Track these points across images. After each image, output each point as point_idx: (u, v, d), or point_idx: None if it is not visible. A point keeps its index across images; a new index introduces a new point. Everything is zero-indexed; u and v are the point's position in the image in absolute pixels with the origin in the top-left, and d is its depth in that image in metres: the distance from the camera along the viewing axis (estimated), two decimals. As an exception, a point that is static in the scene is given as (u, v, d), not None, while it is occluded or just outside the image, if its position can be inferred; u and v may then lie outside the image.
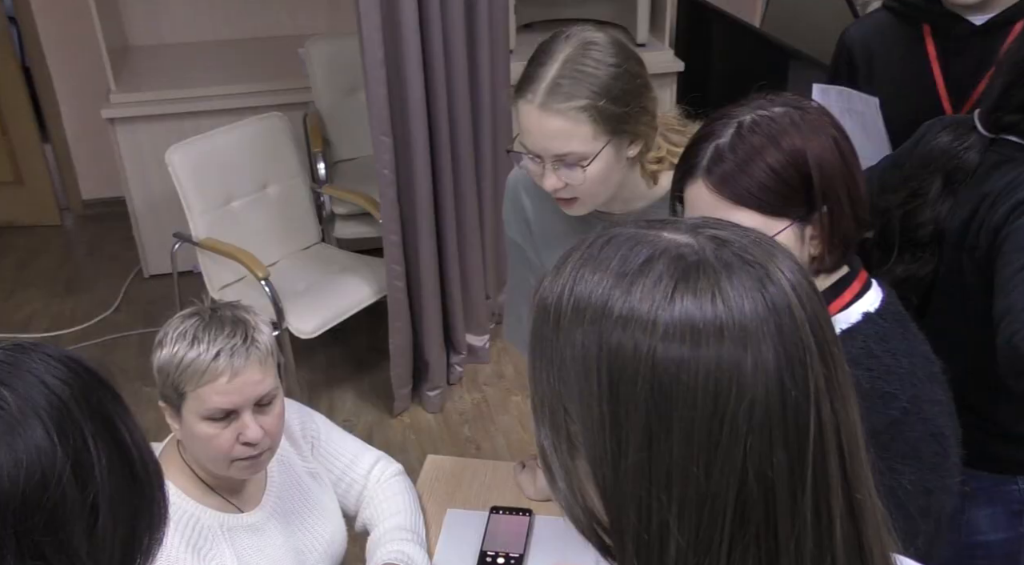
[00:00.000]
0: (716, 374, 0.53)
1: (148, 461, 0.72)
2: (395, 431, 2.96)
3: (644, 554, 0.56)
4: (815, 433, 0.55)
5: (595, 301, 0.57)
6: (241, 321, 1.24)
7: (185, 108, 3.50)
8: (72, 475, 0.64)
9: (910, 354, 1.06)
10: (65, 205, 4.34)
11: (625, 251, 0.58)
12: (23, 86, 4.03)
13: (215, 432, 1.23)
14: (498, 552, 1.51)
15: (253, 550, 1.32)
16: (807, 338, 0.56)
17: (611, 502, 0.57)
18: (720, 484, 0.54)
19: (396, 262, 2.81)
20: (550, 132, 1.22)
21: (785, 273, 0.57)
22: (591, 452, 0.57)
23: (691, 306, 0.54)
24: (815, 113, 1.07)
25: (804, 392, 0.55)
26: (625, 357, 0.55)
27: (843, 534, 0.57)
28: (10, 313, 3.60)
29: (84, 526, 0.65)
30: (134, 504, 0.70)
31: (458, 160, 2.81)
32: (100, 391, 0.70)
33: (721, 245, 0.57)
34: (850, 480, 0.57)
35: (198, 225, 2.82)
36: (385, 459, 1.60)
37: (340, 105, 3.44)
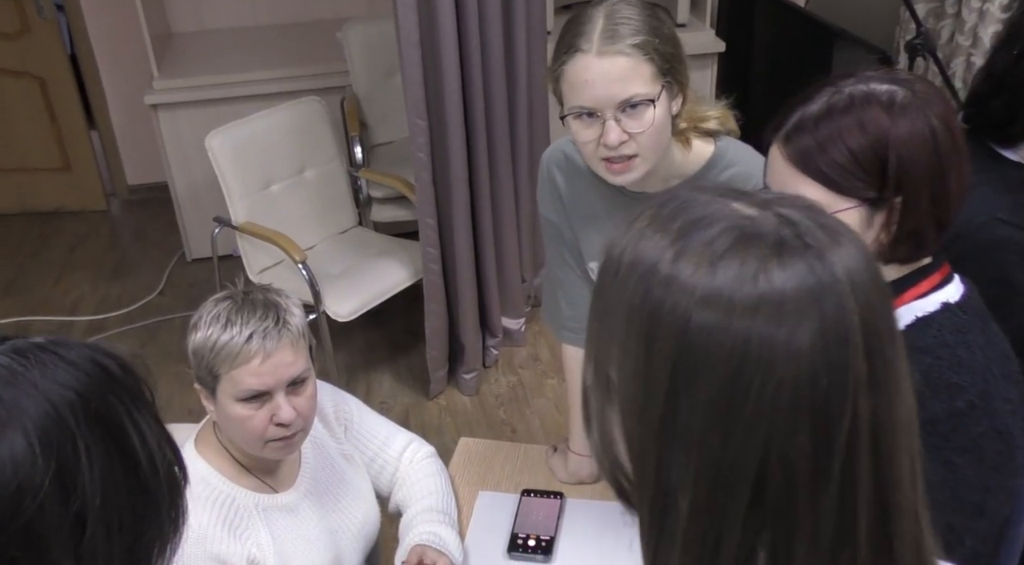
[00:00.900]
0: (743, 348, 0.53)
1: (160, 466, 0.69)
2: (431, 413, 2.97)
3: (657, 507, 0.57)
4: (848, 427, 0.54)
5: (648, 258, 0.58)
6: (273, 304, 1.26)
7: (225, 93, 3.54)
8: (53, 487, 0.61)
9: (987, 349, 1.04)
10: (111, 191, 4.43)
11: (689, 214, 0.59)
12: (71, 74, 4.11)
13: (249, 413, 1.24)
14: (529, 534, 1.51)
15: (288, 530, 1.34)
16: (853, 332, 0.54)
17: (633, 453, 0.59)
18: (738, 456, 0.54)
19: (432, 245, 2.81)
20: (613, 74, 1.21)
21: (845, 261, 0.55)
22: (622, 400, 0.59)
23: (732, 277, 0.54)
24: (923, 96, 1.01)
25: (841, 384, 0.54)
26: (662, 314, 0.56)
27: (868, 533, 0.56)
28: (59, 297, 3.69)
29: (67, 540, 0.62)
30: (139, 513, 0.67)
31: (493, 142, 2.80)
32: (112, 395, 0.67)
33: (784, 224, 0.56)
34: (885, 481, 0.56)
35: (237, 209, 2.86)
36: (417, 441, 1.61)
37: (377, 88, 3.45)
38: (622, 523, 1.66)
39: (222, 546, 1.25)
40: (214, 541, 1.25)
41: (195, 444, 1.33)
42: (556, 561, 1.48)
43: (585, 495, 1.61)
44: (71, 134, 4.20)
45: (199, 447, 1.32)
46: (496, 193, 2.89)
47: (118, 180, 4.42)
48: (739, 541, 0.54)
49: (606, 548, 1.50)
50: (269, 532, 1.31)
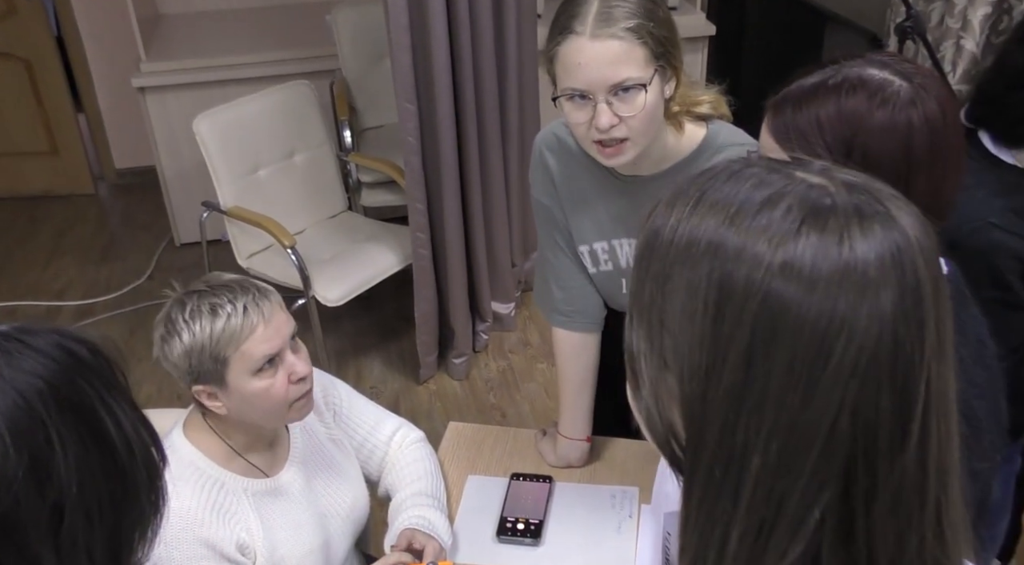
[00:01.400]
0: (828, 317, 0.53)
1: (137, 449, 0.69)
2: (421, 398, 2.98)
3: (721, 469, 0.57)
4: (924, 390, 0.55)
5: (713, 230, 0.57)
6: (240, 279, 1.28)
7: (214, 76, 3.51)
8: (28, 478, 0.61)
9: (958, 332, 1.02)
10: (99, 174, 4.40)
11: (753, 183, 0.58)
12: (57, 56, 4.07)
13: (269, 382, 1.25)
14: (518, 518, 1.52)
15: (277, 514, 1.34)
16: (927, 296, 0.55)
17: (694, 418, 0.58)
18: (814, 417, 0.54)
19: (421, 230, 2.81)
20: (606, 58, 1.21)
21: (912, 226, 0.56)
22: (682, 367, 0.58)
23: (816, 247, 0.54)
24: (919, 91, 0.98)
25: (920, 348, 0.55)
26: (736, 285, 0.55)
27: (935, 491, 0.57)
28: (48, 282, 3.68)
29: (45, 530, 0.62)
30: (117, 498, 0.67)
31: (483, 127, 2.79)
32: (82, 382, 0.66)
33: (853, 191, 0.56)
34: (944, 442, 0.58)
35: (226, 194, 2.84)
36: (407, 426, 1.61)
37: (367, 72, 3.43)
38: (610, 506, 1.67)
39: (210, 531, 1.25)
40: (202, 525, 1.25)
41: (183, 429, 1.33)
42: (545, 544, 1.49)
43: (574, 479, 1.62)
44: (58, 117, 4.17)
45: (188, 432, 1.32)
46: (486, 178, 2.88)
47: (106, 164, 4.38)
48: (799, 502, 0.55)
49: (595, 531, 1.51)
50: (258, 516, 1.32)
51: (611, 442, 1.69)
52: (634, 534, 1.50)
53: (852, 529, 0.56)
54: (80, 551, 0.65)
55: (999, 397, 1.08)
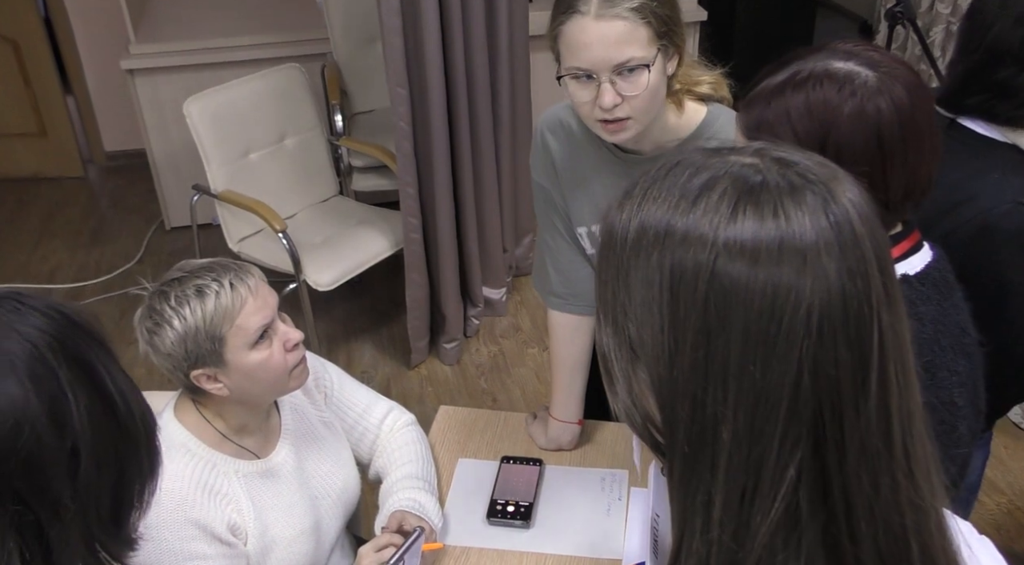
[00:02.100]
0: (773, 287, 0.56)
1: (134, 409, 0.72)
2: (412, 383, 2.99)
3: (696, 442, 0.59)
4: (877, 341, 0.58)
5: (659, 221, 0.60)
6: (215, 262, 1.28)
7: (204, 59, 3.49)
8: (48, 421, 0.64)
9: (938, 321, 1.04)
10: (88, 157, 4.37)
11: (690, 172, 0.61)
12: (45, 37, 4.03)
13: (267, 353, 1.27)
14: (508, 500, 1.53)
15: (268, 495, 1.35)
16: (868, 252, 0.58)
17: (665, 399, 0.61)
18: (776, 380, 0.57)
19: (413, 215, 2.81)
20: (611, 38, 1.22)
21: (847, 192, 0.59)
22: (648, 353, 0.61)
23: (752, 223, 0.57)
24: (885, 78, 0.98)
25: (867, 301, 0.57)
26: (686, 270, 0.58)
27: (900, 435, 0.60)
28: (37, 265, 3.66)
29: (64, 471, 0.65)
30: (120, 450, 0.70)
31: (475, 111, 2.78)
32: (78, 338, 0.69)
33: (785, 166, 0.59)
34: (904, 388, 0.60)
35: (216, 177, 2.83)
36: (398, 409, 1.62)
37: (358, 56, 3.41)
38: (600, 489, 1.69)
39: (202, 511, 1.26)
40: (194, 506, 1.26)
41: (174, 411, 1.33)
42: (535, 526, 1.51)
43: (564, 461, 1.63)
44: (46, 99, 4.13)
45: (178, 415, 1.33)
46: (478, 162, 2.88)
47: (95, 146, 4.36)
48: (776, 462, 0.57)
49: (584, 513, 1.53)
50: (249, 498, 1.32)
51: (601, 425, 1.71)
52: (623, 517, 1.51)
53: (827, 481, 0.58)
54: (91, 498, 0.68)
55: (978, 384, 1.09)
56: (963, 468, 1.12)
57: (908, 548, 0.60)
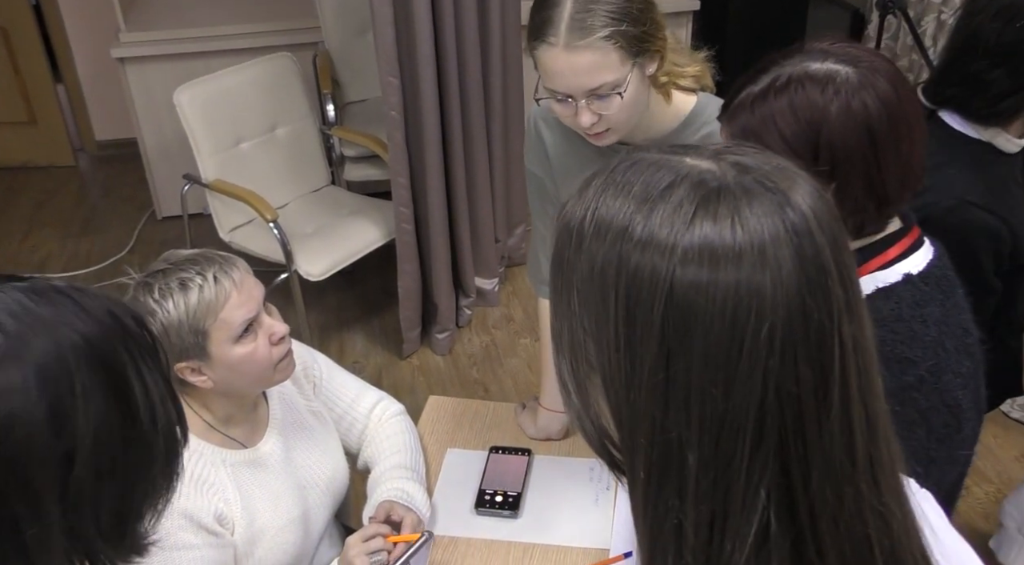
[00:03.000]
0: (735, 299, 0.54)
1: (160, 419, 0.70)
2: (404, 373, 2.99)
3: (661, 466, 0.58)
4: (839, 353, 0.57)
5: (616, 224, 0.58)
6: (199, 252, 1.28)
7: (195, 47, 3.47)
8: (47, 421, 0.63)
9: (942, 322, 1.03)
10: (79, 146, 4.35)
11: (648, 176, 0.59)
12: (34, 24, 4.00)
13: (251, 347, 1.26)
14: (496, 490, 1.54)
15: (255, 485, 1.35)
16: (827, 262, 0.56)
17: (623, 420, 0.59)
18: (740, 402, 0.55)
19: (404, 205, 2.80)
20: (581, 68, 1.22)
21: (805, 199, 0.57)
22: (605, 371, 0.59)
23: (710, 231, 0.55)
24: (867, 74, 0.98)
25: (827, 313, 0.56)
26: (642, 280, 0.56)
27: (863, 444, 0.59)
28: (27, 254, 3.65)
29: (52, 473, 0.64)
30: (131, 463, 0.68)
31: (467, 101, 2.78)
32: (122, 345, 0.68)
33: (743, 171, 0.58)
34: (867, 395, 0.59)
35: (207, 167, 2.82)
36: (387, 399, 1.62)
37: (350, 45, 3.40)
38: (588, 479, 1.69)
39: (188, 502, 1.26)
40: (180, 497, 1.25)
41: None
42: (523, 516, 1.51)
43: (553, 451, 1.64)
44: (36, 87, 4.11)
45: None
46: (470, 153, 2.87)
47: (86, 135, 4.34)
48: (745, 485, 0.56)
49: (572, 503, 1.53)
50: (236, 487, 1.33)
51: (590, 416, 1.71)
52: (611, 506, 1.52)
53: (793, 498, 0.57)
54: (86, 509, 0.66)
55: (980, 385, 1.09)
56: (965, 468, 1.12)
57: (873, 558, 0.59)
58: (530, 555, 1.45)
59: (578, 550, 1.45)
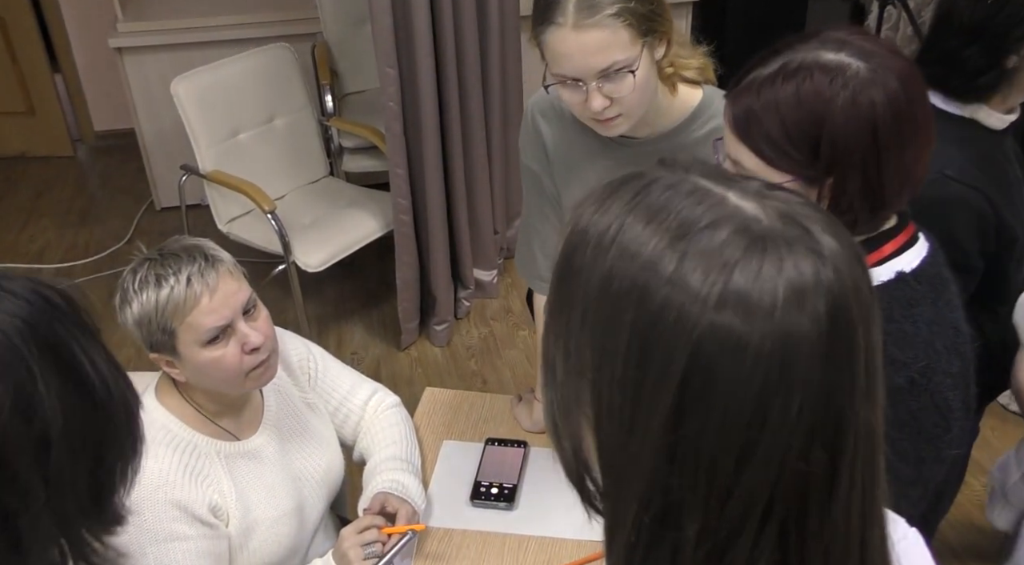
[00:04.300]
0: (763, 376, 0.50)
1: (114, 389, 0.70)
2: (402, 364, 2.99)
3: (654, 528, 0.54)
4: (853, 439, 0.54)
5: (644, 253, 0.52)
6: (192, 247, 1.26)
7: (192, 38, 3.46)
8: (14, 410, 0.63)
9: (933, 322, 1.02)
10: (77, 136, 4.34)
11: (689, 206, 0.53)
12: (32, 14, 3.99)
13: (220, 353, 1.24)
14: (492, 482, 1.54)
15: (250, 477, 1.35)
16: (857, 337, 0.53)
17: (614, 467, 0.55)
18: (754, 475, 0.51)
19: (402, 196, 2.80)
20: (591, 47, 1.20)
21: (844, 260, 0.53)
22: (602, 410, 0.54)
23: (751, 280, 0.50)
24: (879, 70, 0.95)
25: (851, 396, 0.53)
26: (666, 322, 0.50)
27: (858, 529, 0.56)
28: (25, 244, 3.64)
29: (32, 459, 0.64)
30: (97, 434, 0.69)
31: (465, 92, 2.77)
32: (56, 321, 0.68)
33: (788, 221, 0.53)
34: (868, 481, 0.56)
35: (205, 157, 2.82)
36: (383, 391, 1.62)
37: (349, 36, 3.38)
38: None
39: (182, 492, 1.26)
40: (174, 487, 1.26)
41: (155, 392, 1.33)
42: (519, 508, 1.51)
43: (549, 444, 1.63)
44: (34, 77, 4.09)
45: (159, 396, 1.33)
46: (468, 144, 2.86)
47: (84, 126, 4.32)
48: (747, 557, 0.53)
49: (568, 495, 1.53)
50: (231, 479, 1.32)
51: (586, 408, 1.71)
52: (606, 498, 1.52)
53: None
54: (66, 486, 0.67)
55: (970, 384, 1.08)
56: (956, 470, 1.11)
57: None
58: (525, 547, 1.45)
59: (573, 542, 1.45)
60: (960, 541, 2.31)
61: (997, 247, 1.36)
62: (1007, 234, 1.36)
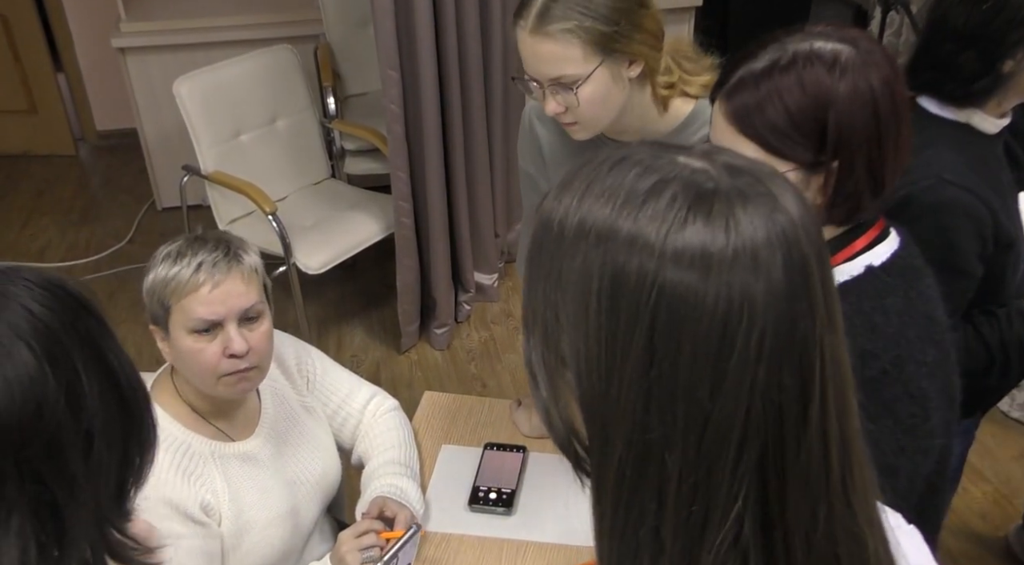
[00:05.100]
0: (726, 303, 0.53)
1: (135, 384, 0.72)
2: (402, 367, 2.98)
3: (637, 468, 0.56)
4: (819, 365, 0.56)
5: (600, 223, 0.56)
6: (225, 240, 1.28)
7: (196, 38, 3.46)
8: (66, 404, 0.65)
9: (904, 313, 1.03)
10: (80, 135, 4.34)
11: (638, 172, 0.57)
12: (35, 13, 3.99)
13: (201, 346, 1.25)
14: (490, 487, 1.53)
15: (244, 478, 1.35)
16: (814, 272, 0.56)
17: (597, 416, 0.57)
18: (726, 406, 0.54)
19: (403, 199, 2.79)
20: (542, 56, 1.23)
21: (793, 206, 0.57)
22: (583, 365, 0.57)
23: (703, 232, 0.54)
24: (868, 56, 0.98)
25: (812, 322, 0.55)
26: (629, 276, 0.54)
27: (838, 463, 0.58)
28: (26, 242, 3.64)
29: (80, 453, 0.66)
30: (124, 427, 0.71)
31: (467, 95, 2.76)
32: (85, 316, 0.69)
33: (736, 173, 0.56)
34: (842, 413, 0.58)
35: (206, 158, 2.81)
36: (381, 394, 1.62)
37: (351, 38, 3.39)
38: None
39: (174, 491, 1.26)
40: (166, 485, 1.25)
41: (152, 391, 1.33)
42: (517, 513, 1.51)
43: (548, 449, 1.63)
44: (37, 76, 4.10)
45: (155, 394, 1.32)
46: (470, 147, 2.86)
47: (87, 125, 4.33)
48: (726, 493, 0.54)
49: (566, 501, 1.53)
50: (225, 479, 1.32)
51: (586, 413, 1.70)
52: (605, 504, 1.51)
53: (768, 511, 0.56)
54: (102, 479, 0.69)
55: (951, 373, 1.07)
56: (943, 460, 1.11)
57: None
58: (523, 552, 1.45)
59: (571, 548, 1.44)
60: (960, 549, 2.30)
61: (994, 250, 1.36)
62: (1004, 237, 1.36)
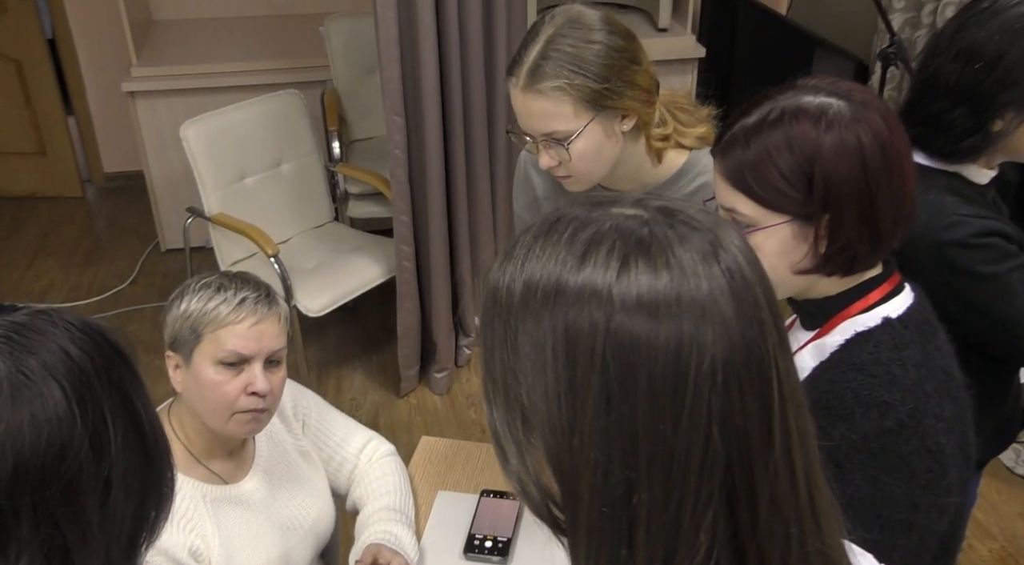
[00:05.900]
0: (677, 340, 0.54)
1: (160, 438, 0.71)
2: (401, 412, 2.96)
3: (607, 513, 0.56)
4: (777, 386, 0.57)
5: (547, 278, 0.57)
6: (265, 283, 1.31)
7: (205, 83, 3.51)
8: (89, 448, 0.64)
9: (922, 365, 1.02)
10: (87, 177, 4.38)
11: (574, 227, 0.58)
12: (48, 58, 4.06)
13: (224, 379, 1.25)
14: (486, 535, 1.51)
15: (236, 523, 1.33)
16: (759, 297, 0.57)
17: (566, 469, 0.58)
18: (688, 437, 0.55)
19: (406, 243, 2.80)
20: (534, 112, 1.25)
21: (732, 238, 0.58)
22: (546, 422, 0.58)
23: (647, 275, 0.55)
24: (860, 109, 0.99)
25: (765, 346, 0.57)
26: (580, 328, 0.55)
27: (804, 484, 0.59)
28: (29, 283, 3.65)
29: (97, 499, 0.65)
30: (144, 480, 0.70)
31: (471, 141, 2.79)
32: (120, 364, 0.69)
33: (669, 214, 0.58)
34: (804, 435, 0.59)
35: (211, 200, 2.83)
36: (377, 439, 1.60)
37: (358, 84, 3.44)
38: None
39: (163, 535, 1.23)
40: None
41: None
42: (512, 563, 1.48)
43: (545, 497, 1.61)
44: (47, 119, 4.15)
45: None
46: (472, 192, 2.88)
47: (94, 167, 4.37)
48: (691, 520, 0.55)
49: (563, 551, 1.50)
50: (215, 524, 1.30)
51: (584, 461, 1.68)
52: (603, 555, 1.49)
53: (740, 534, 0.56)
54: (115, 528, 0.67)
55: (967, 430, 1.06)
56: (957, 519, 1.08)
57: None
58: (518, 603, 1.42)
59: (567, 599, 1.41)
60: (967, 607, 2.25)
61: None
62: None
